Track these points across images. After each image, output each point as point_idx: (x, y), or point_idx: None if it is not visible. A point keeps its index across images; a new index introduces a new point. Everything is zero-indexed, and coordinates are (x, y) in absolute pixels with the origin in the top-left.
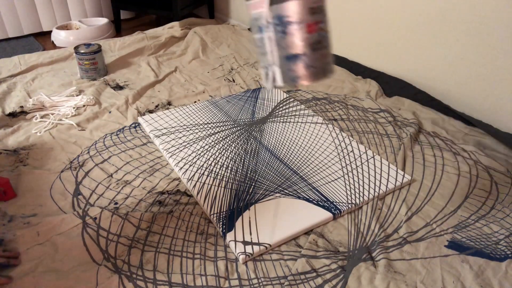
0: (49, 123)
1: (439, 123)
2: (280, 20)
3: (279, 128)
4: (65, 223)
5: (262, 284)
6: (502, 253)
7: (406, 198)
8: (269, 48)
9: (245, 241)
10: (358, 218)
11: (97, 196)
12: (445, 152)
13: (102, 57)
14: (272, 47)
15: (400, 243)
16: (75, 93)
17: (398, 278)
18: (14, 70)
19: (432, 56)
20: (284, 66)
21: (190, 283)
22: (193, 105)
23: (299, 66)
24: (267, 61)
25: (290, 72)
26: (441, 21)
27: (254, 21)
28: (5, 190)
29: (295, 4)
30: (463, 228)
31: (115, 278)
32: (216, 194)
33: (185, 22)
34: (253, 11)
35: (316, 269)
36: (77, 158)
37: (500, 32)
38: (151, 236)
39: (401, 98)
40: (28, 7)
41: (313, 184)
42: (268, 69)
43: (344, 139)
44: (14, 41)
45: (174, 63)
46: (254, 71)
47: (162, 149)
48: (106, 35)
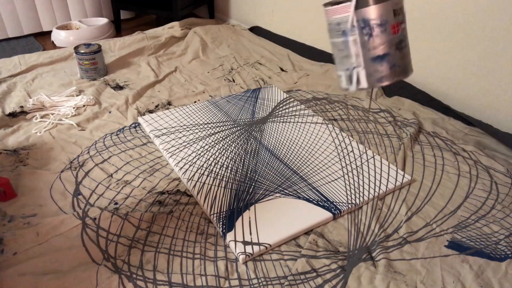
0: (49, 123)
1: (439, 123)
2: (366, 23)
3: (279, 128)
4: (65, 223)
5: (262, 284)
6: (502, 253)
7: (406, 198)
8: (354, 51)
9: (245, 241)
10: (358, 218)
11: (97, 196)
12: (445, 152)
13: (102, 57)
14: (358, 50)
15: (400, 243)
16: (75, 93)
17: (398, 278)
18: (14, 70)
19: (432, 56)
20: (369, 68)
21: (190, 283)
22: (193, 105)
23: (384, 66)
24: (351, 64)
25: (376, 73)
26: (441, 21)
27: (336, 26)
28: (5, 190)
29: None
30: (463, 228)
31: (115, 278)
32: (216, 194)
33: (185, 22)
34: (335, 16)
35: (316, 269)
36: (77, 158)
37: (500, 32)
38: (151, 236)
39: (401, 98)
40: (28, 7)
41: (313, 184)
42: (351, 71)
43: (344, 139)
44: (14, 41)
45: (174, 63)
46: (254, 71)
47: (162, 149)
48: (106, 35)
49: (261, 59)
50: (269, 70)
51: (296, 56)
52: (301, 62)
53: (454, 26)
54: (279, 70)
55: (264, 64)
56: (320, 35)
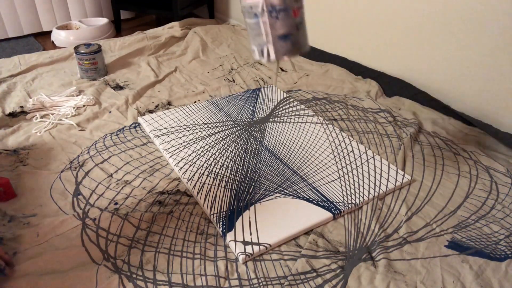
0: (49, 123)
1: (439, 123)
2: (273, 8)
3: (279, 128)
4: (65, 224)
5: (262, 284)
6: (502, 253)
7: (406, 198)
8: (264, 30)
9: (245, 241)
10: (358, 218)
11: (97, 196)
12: (445, 152)
13: (102, 57)
14: (266, 29)
15: (400, 243)
16: (75, 93)
17: (398, 278)
18: (14, 70)
19: (432, 56)
20: (276, 44)
21: (190, 283)
22: (193, 105)
23: (288, 43)
24: (262, 40)
25: (281, 48)
26: (441, 21)
27: (250, 9)
28: (5, 190)
29: None
30: (463, 228)
31: (115, 278)
32: (216, 194)
33: (185, 22)
34: (248, 1)
35: (316, 269)
36: (77, 158)
37: (500, 32)
38: (151, 236)
39: (401, 98)
40: (28, 7)
41: (313, 184)
42: (262, 47)
43: (344, 139)
44: (14, 41)
45: (174, 63)
46: (254, 71)
47: (162, 149)
48: (106, 35)
49: None
50: (269, 70)
51: (296, 56)
52: (301, 62)
53: (454, 26)
54: (279, 70)
55: (264, 64)
56: (320, 35)
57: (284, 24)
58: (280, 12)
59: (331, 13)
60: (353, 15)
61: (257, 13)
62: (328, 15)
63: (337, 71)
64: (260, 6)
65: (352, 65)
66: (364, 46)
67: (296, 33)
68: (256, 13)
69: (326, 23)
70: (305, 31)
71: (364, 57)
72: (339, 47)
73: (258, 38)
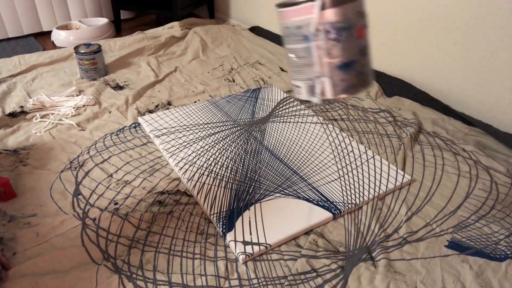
0: (49, 123)
1: (439, 123)
2: (332, 26)
3: (279, 128)
4: (65, 224)
5: (262, 284)
6: (502, 253)
7: (406, 198)
8: (318, 58)
9: (245, 241)
10: (358, 218)
11: (97, 196)
12: (445, 152)
13: (102, 57)
14: (322, 57)
15: (400, 243)
16: (75, 93)
17: (398, 278)
18: (14, 70)
19: (432, 56)
20: (335, 77)
21: (190, 283)
22: (193, 105)
23: (351, 74)
24: (314, 73)
25: (342, 82)
26: (441, 21)
27: (296, 30)
28: (5, 190)
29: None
30: (463, 228)
31: (115, 278)
32: (216, 194)
33: (185, 22)
34: (295, 18)
35: (316, 269)
36: (77, 158)
37: (499, 32)
38: (151, 236)
39: (401, 98)
40: (28, 7)
41: (313, 184)
42: (314, 81)
43: (344, 139)
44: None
45: (174, 63)
46: (254, 71)
47: (162, 149)
48: (106, 35)
49: (261, 59)
50: (269, 70)
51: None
52: None
53: (454, 26)
54: (279, 70)
55: (264, 64)
56: None
57: (347, 48)
58: (342, 33)
59: None
60: None
61: (308, 35)
62: None
63: None
64: (314, 25)
65: None
66: None
67: (362, 59)
68: (306, 35)
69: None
70: (370, 58)
71: None
72: None
73: (307, 70)
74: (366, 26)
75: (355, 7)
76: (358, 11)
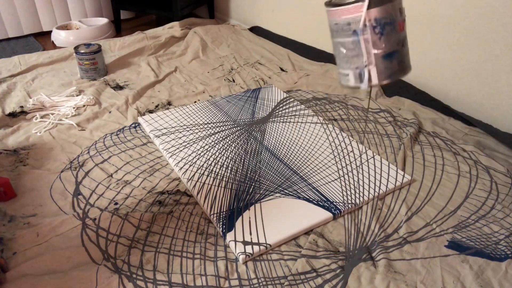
0: (49, 123)
1: (439, 123)
2: (377, 22)
3: (279, 128)
4: (65, 224)
5: (262, 284)
6: (502, 253)
7: (406, 198)
8: (365, 50)
9: (245, 241)
10: (358, 218)
11: (97, 196)
12: (445, 152)
13: (102, 57)
14: (369, 48)
15: (400, 243)
16: (75, 93)
17: (398, 278)
18: (14, 70)
19: (432, 56)
20: (380, 65)
21: (190, 283)
22: (193, 105)
23: (394, 63)
24: (362, 62)
25: (386, 69)
26: (441, 21)
27: (346, 26)
28: (5, 190)
29: (390, 6)
30: (463, 228)
31: (115, 278)
32: (216, 194)
33: (185, 22)
34: (345, 16)
35: (316, 269)
36: (77, 158)
37: (500, 32)
38: (151, 236)
39: (401, 98)
40: (28, 7)
41: (313, 184)
42: (362, 70)
43: (344, 139)
44: (14, 41)
45: (174, 63)
46: (254, 71)
47: (162, 149)
48: (106, 35)
49: (261, 59)
50: (269, 70)
51: (296, 56)
52: (301, 62)
53: (455, 26)
54: (279, 70)
55: (264, 64)
56: (320, 35)
57: (390, 40)
58: (386, 27)
59: None
60: None
61: (357, 30)
62: None
63: (337, 71)
64: (362, 21)
65: None
66: None
67: (402, 50)
68: (355, 29)
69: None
70: (408, 48)
71: None
72: None
73: (355, 60)
74: (405, 20)
75: (396, 4)
76: (399, 8)
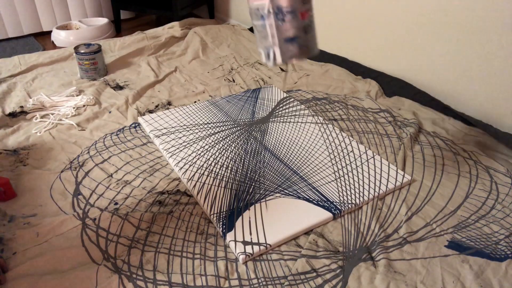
0: (49, 123)
1: (439, 123)
2: (279, 10)
3: (279, 128)
4: (65, 224)
5: (262, 284)
6: (502, 253)
7: (406, 198)
8: (270, 33)
9: (245, 241)
10: (358, 218)
11: (97, 196)
12: (445, 152)
13: (102, 57)
14: (273, 32)
15: (400, 243)
16: (75, 93)
17: (398, 278)
18: (14, 70)
19: (432, 56)
20: (283, 47)
21: (190, 283)
22: (193, 105)
23: (295, 46)
24: (268, 43)
25: (288, 51)
26: (441, 21)
27: (256, 10)
28: (5, 190)
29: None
30: (463, 228)
31: (115, 278)
32: (216, 194)
33: (185, 22)
34: (255, 2)
35: (316, 269)
36: (77, 158)
37: (500, 32)
38: (151, 236)
39: (401, 98)
40: (28, 7)
41: (313, 184)
42: (269, 50)
43: (344, 139)
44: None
45: (174, 63)
46: (254, 71)
47: (162, 149)
48: (106, 35)
49: None
50: (269, 70)
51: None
52: (301, 62)
53: (455, 26)
54: (279, 70)
55: (264, 64)
56: (320, 35)
57: (291, 26)
58: (287, 15)
59: (331, 13)
60: (353, 15)
61: (264, 15)
62: (328, 15)
63: (337, 71)
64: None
65: (352, 65)
66: (364, 46)
67: (304, 36)
68: (262, 15)
69: (326, 23)
70: (314, 34)
71: (364, 57)
72: (339, 47)
73: (264, 41)
74: (309, 10)
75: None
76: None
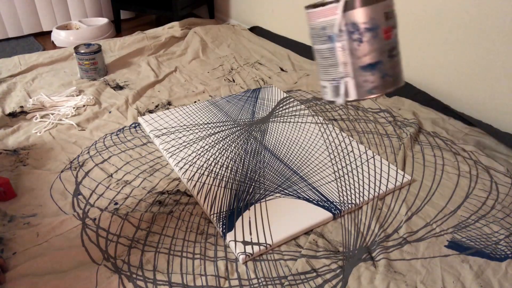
0: (49, 123)
1: (439, 123)
2: (355, 27)
3: (279, 128)
4: (65, 224)
5: (262, 284)
6: (502, 253)
7: (406, 198)
8: (342, 59)
9: (245, 241)
10: (358, 218)
11: (97, 196)
12: (445, 152)
13: (102, 57)
14: (346, 57)
15: (400, 243)
16: (75, 93)
17: (398, 278)
18: (14, 70)
19: (432, 56)
20: (359, 77)
21: (190, 283)
22: (193, 105)
23: (375, 76)
24: (338, 73)
25: (366, 83)
26: (440, 21)
27: (321, 30)
28: (5, 190)
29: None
30: (463, 228)
31: (115, 278)
32: (216, 194)
33: (185, 22)
34: (319, 20)
35: (316, 269)
36: (77, 158)
37: (500, 32)
38: (151, 236)
39: (401, 98)
40: (28, 7)
41: (313, 184)
42: (338, 82)
43: (344, 139)
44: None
45: (174, 63)
46: (254, 71)
47: (162, 149)
48: (106, 35)
49: (261, 59)
50: (269, 70)
51: (296, 56)
52: (301, 62)
53: (454, 25)
54: (279, 70)
55: (264, 64)
56: None
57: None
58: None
59: None
60: None
61: (332, 36)
62: None
63: None
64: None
65: None
66: None
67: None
68: (330, 35)
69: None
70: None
71: None
72: None
73: (332, 70)
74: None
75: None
76: (386, 12)
